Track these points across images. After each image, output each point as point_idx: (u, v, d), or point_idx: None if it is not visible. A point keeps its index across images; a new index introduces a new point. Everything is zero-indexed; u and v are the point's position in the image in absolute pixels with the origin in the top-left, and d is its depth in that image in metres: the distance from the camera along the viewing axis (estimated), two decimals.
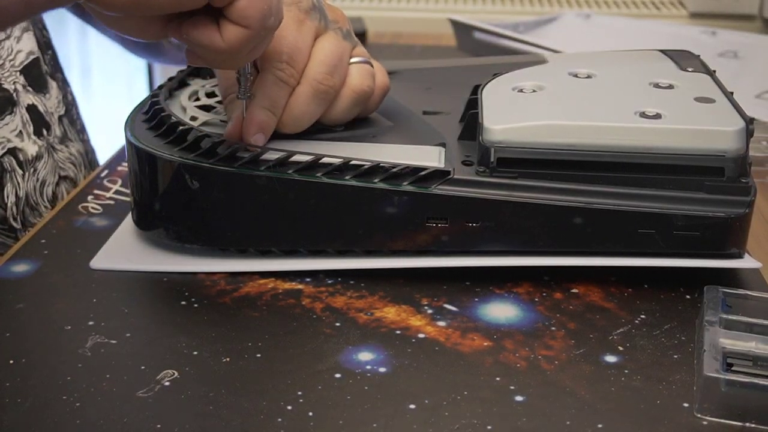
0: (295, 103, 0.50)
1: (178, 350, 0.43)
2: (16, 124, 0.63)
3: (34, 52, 0.67)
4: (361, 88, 0.52)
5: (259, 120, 0.49)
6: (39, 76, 0.67)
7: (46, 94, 0.68)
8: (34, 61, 0.67)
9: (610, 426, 0.39)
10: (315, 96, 0.50)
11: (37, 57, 0.67)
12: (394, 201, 0.48)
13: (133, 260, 0.51)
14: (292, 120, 0.50)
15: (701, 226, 0.48)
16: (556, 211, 0.48)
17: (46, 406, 0.39)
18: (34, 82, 0.66)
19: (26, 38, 0.66)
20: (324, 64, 0.50)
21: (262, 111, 0.49)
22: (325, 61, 0.50)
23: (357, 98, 0.52)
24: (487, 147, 0.49)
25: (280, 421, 0.39)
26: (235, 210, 0.49)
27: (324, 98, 0.50)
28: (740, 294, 0.45)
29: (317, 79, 0.50)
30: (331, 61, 0.50)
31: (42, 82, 0.68)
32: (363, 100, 0.52)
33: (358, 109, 0.53)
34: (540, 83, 0.54)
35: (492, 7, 1.30)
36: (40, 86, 0.67)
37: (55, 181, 0.67)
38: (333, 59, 0.50)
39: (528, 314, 0.47)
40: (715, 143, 0.47)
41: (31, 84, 0.66)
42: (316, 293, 0.49)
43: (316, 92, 0.50)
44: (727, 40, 0.96)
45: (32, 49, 0.67)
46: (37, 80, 0.67)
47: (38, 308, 0.47)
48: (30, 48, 0.66)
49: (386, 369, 0.42)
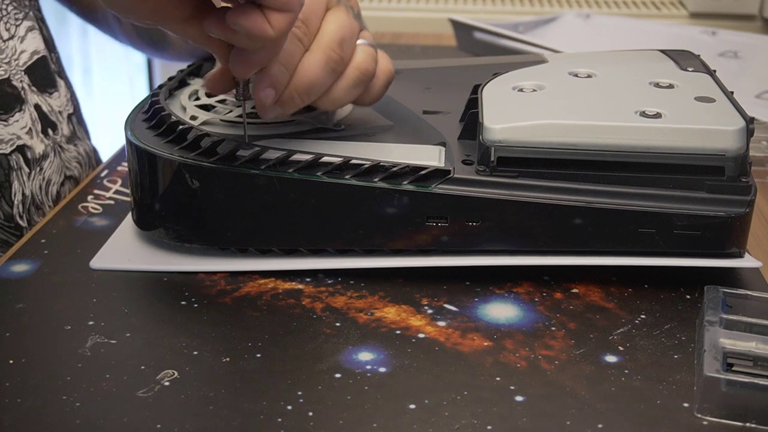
0: (309, 68, 0.49)
1: (178, 350, 0.43)
2: (26, 122, 0.63)
3: (39, 52, 0.67)
4: (365, 67, 0.51)
5: (273, 74, 0.47)
6: (47, 75, 0.67)
7: (54, 93, 0.68)
8: (41, 61, 0.67)
9: (610, 426, 0.39)
10: (327, 64, 0.49)
11: (44, 56, 0.67)
12: (394, 200, 0.48)
13: (133, 260, 0.51)
14: (306, 86, 0.49)
15: (701, 225, 0.48)
16: (557, 210, 0.48)
17: (46, 406, 0.39)
18: (40, 82, 0.66)
19: (31, 38, 0.66)
20: (336, 34, 0.50)
21: (275, 64, 0.48)
22: (338, 32, 0.50)
23: (360, 77, 0.51)
24: (487, 146, 0.49)
25: (280, 421, 0.39)
26: (235, 209, 0.49)
27: (334, 68, 0.50)
28: (740, 294, 0.45)
29: (330, 47, 0.49)
30: (343, 33, 0.50)
31: (50, 81, 0.68)
32: (365, 81, 0.52)
33: (359, 90, 0.52)
34: (540, 83, 0.54)
35: (492, 7, 1.30)
36: (47, 85, 0.67)
37: (60, 181, 0.67)
38: (344, 32, 0.50)
39: (528, 314, 0.47)
40: (716, 143, 0.47)
41: (36, 84, 0.66)
42: (316, 293, 0.49)
43: (329, 60, 0.49)
44: (727, 40, 0.96)
45: (37, 49, 0.67)
46: (45, 79, 0.67)
47: (38, 308, 0.47)
48: (35, 47, 0.66)
49: (386, 369, 0.42)
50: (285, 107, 0.49)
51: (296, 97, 0.49)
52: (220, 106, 0.55)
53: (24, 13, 0.66)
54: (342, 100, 0.51)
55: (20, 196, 0.62)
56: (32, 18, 0.67)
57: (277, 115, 0.49)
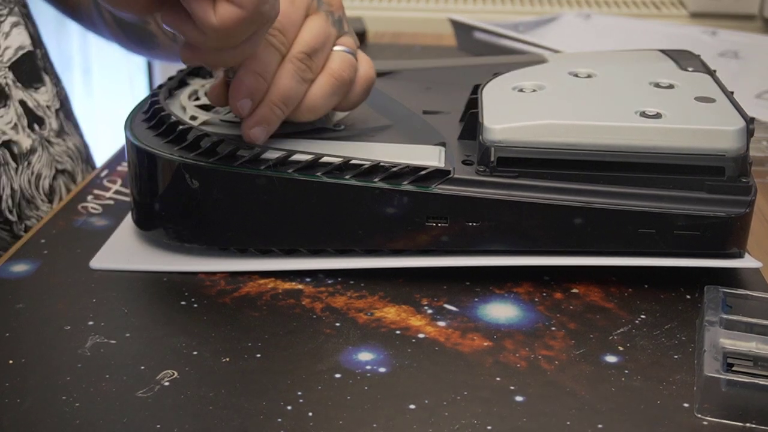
0: (279, 78, 0.48)
1: (178, 350, 0.43)
2: (11, 117, 0.63)
3: (24, 47, 0.67)
4: (339, 74, 0.51)
5: (249, 83, 0.47)
6: (33, 71, 0.68)
7: (41, 88, 0.68)
8: (26, 56, 0.67)
9: (610, 426, 0.39)
10: (296, 72, 0.49)
11: (30, 51, 0.68)
12: (394, 200, 0.48)
13: (133, 260, 0.51)
14: (279, 96, 0.49)
15: (701, 225, 0.48)
16: (556, 210, 0.48)
17: (46, 406, 0.39)
18: (25, 77, 0.66)
19: (16, 33, 0.66)
20: (306, 44, 0.49)
21: (251, 74, 0.47)
22: (309, 42, 0.49)
23: (335, 84, 0.51)
24: (487, 146, 0.49)
25: (280, 421, 0.39)
26: (235, 209, 0.49)
27: (303, 77, 0.49)
28: (740, 294, 0.45)
29: (297, 56, 0.49)
30: (313, 43, 0.50)
31: (36, 77, 0.68)
32: (342, 88, 0.51)
33: (338, 98, 0.51)
34: (540, 83, 0.54)
35: (492, 7, 1.30)
36: (32, 81, 0.67)
37: (52, 175, 0.67)
38: (316, 42, 0.50)
39: (528, 314, 0.47)
40: (716, 143, 0.47)
41: (21, 79, 0.66)
42: (316, 293, 0.49)
43: (297, 69, 0.49)
44: (727, 40, 0.96)
45: (23, 44, 0.67)
46: (31, 75, 0.67)
47: (38, 308, 0.47)
48: (20, 43, 0.67)
49: (386, 369, 0.42)
50: (267, 122, 0.49)
51: (275, 109, 0.49)
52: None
53: (8, 9, 0.66)
54: (320, 108, 0.51)
55: (8, 190, 0.62)
56: (17, 14, 0.67)
57: (265, 136, 0.49)
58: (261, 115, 0.48)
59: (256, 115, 0.48)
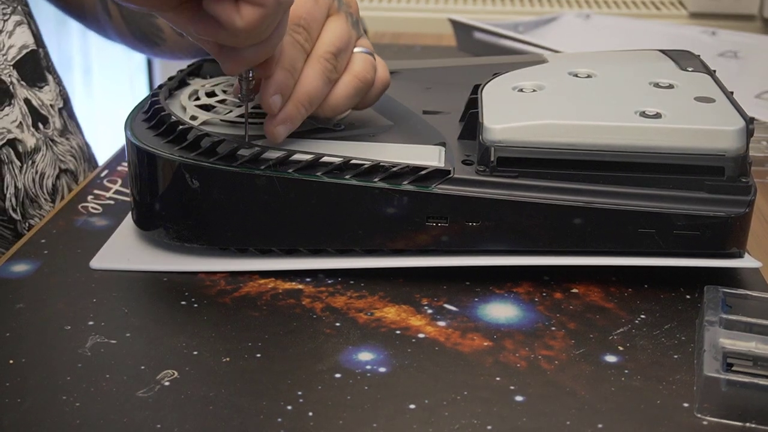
0: (306, 78, 0.49)
1: (178, 350, 0.43)
2: (16, 116, 0.63)
3: (28, 46, 0.67)
4: (363, 75, 0.52)
5: (279, 79, 0.48)
6: (37, 69, 0.68)
7: (44, 87, 0.68)
8: (30, 55, 0.67)
9: (610, 426, 0.39)
10: (323, 73, 0.50)
11: (34, 50, 0.68)
12: (394, 200, 0.48)
13: (133, 260, 0.51)
14: (306, 95, 0.49)
15: (701, 225, 0.48)
16: (556, 210, 0.48)
17: (46, 406, 0.39)
18: (30, 76, 0.66)
19: (19, 32, 0.66)
20: (332, 44, 0.50)
21: (281, 70, 0.48)
22: (334, 42, 0.50)
23: (358, 85, 0.52)
24: (487, 146, 0.49)
25: (280, 421, 0.39)
26: (235, 209, 0.49)
27: (329, 77, 0.50)
28: (740, 294, 0.45)
29: (325, 56, 0.50)
30: (338, 43, 0.51)
31: (40, 76, 0.68)
32: (364, 89, 0.52)
33: (358, 98, 0.53)
34: (540, 83, 0.54)
35: (492, 7, 1.30)
36: (36, 79, 0.67)
37: (56, 174, 0.67)
38: (340, 42, 0.51)
39: (528, 314, 0.47)
40: (716, 143, 0.47)
41: (25, 78, 0.66)
42: (316, 293, 0.49)
43: (324, 69, 0.50)
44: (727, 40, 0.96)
45: (26, 43, 0.67)
46: (35, 74, 0.67)
47: (38, 308, 0.47)
48: (24, 42, 0.67)
49: (386, 369, 0.42)
50: (291, 120, 0.49)
51: (300, 108, 0.49)
52: (220, 106, 0.55)
53: (12, 7, 0.67)
54: (341, 107, 0.52)
55: (12, 189, 0.62)
56: (20, 13, 0.68)
57: (286, 135, 0.49)
58: (287, 113, 0.49)
59: (282, 113, 0.49)
